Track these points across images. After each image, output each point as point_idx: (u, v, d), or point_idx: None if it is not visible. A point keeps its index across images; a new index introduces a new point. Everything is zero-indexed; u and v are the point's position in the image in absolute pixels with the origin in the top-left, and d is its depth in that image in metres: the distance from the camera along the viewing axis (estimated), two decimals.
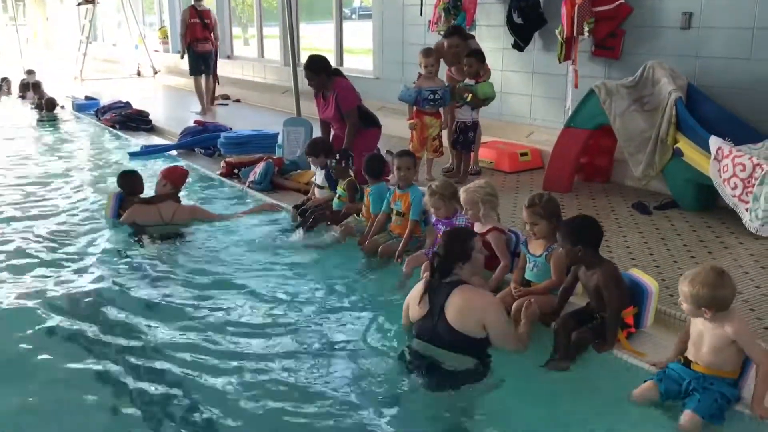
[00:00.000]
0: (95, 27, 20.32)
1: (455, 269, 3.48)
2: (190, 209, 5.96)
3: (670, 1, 6.18)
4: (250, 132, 8.37)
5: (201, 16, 11.33)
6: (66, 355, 3.75)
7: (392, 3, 9.53)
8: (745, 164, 4.88)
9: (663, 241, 4.94)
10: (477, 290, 3.51)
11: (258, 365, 3.61)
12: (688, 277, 2.94)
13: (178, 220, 5.74)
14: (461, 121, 6.64)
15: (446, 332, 3.37)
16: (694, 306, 2.92)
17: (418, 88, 6.50)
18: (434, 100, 6.48)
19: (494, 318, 3.41)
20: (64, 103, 13.00)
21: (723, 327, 2.91)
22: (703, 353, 3.00)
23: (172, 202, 5.80)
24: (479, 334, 3.38)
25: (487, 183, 4.42)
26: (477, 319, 3.37)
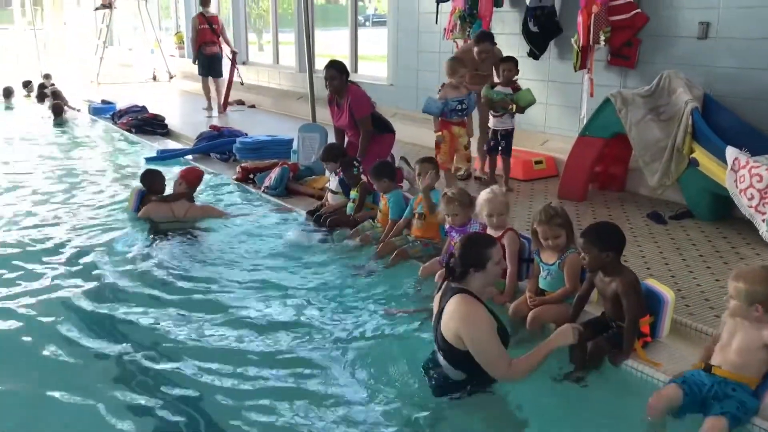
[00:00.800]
0: (112, 31, 20.47)
1: (467, 275, 3.30)
2: (201, 208, 6.27)
3: (687, 11, 6.17)
4: (266, 137, 8.42)
5: (209, 21, 12.08)
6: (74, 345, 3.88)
7: (407, 10, 9.56)
8: (762, 175, 4.85)
9: (678, 251, 4.93)
10: (468, 301, 3.23)
11: (267, 366, 3.64)
12: (741, 275, 2.95)
13: (191, 217, 6.05)
14: (503, 129, 6.62)
15: (439, 337, 3.29)
16: (747, 303, 2.91)
17: (444, 100, 6.30)
18: (462, 110, 6.33)
19: (471, 333, 3.15)
20: (81, 107, 13.12)
21: (761, 330, 2.92)
22: (731, 353, 3.00)
23: (185, 201, 6.13)
24: (461, 346, 3.18)
25: (503, 190, 4.46)
26: (455, 330, 3.17)
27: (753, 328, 2.94)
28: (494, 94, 6.52)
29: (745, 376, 2.97)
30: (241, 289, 4.70)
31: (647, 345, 3.52)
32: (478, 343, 3.15)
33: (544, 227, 3.88)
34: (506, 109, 6.50)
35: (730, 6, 5.84)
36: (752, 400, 2.95)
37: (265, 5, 14.74)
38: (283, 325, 4.14)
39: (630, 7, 6.44)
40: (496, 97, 6.51)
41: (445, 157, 6.36)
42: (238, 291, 4.66)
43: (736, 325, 3.01)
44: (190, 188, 6.25)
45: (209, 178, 7.80)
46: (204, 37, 12.02)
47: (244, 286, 4.74)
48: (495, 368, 3.18)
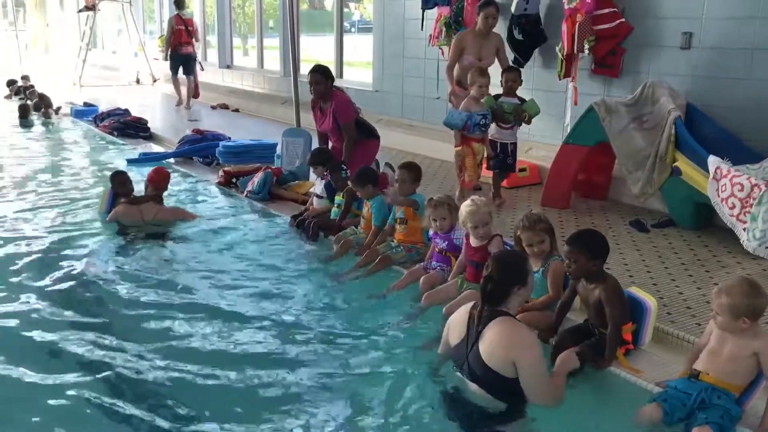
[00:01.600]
0: (95, 34, 20.32)
1: (510, 295, 3.14)
2: (171, 210, 6.19)
3: (670, 21, 6.22)
4: (249, 142, 8.38)
5: (185, 23, 13.12)
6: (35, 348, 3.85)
7: (393, 17, 9.57)
8: (743, 184, 4.89)
9: (660, 259, 4.95)
10: (515, 324, 3.11)
11: (242, 370, 3.59)
12: (724, 290, 2.95)
13: (160, 220, 5.97)
14: (512, 142, 6.40)
15: (476, 364, 3.07)
16: (733, 317, 2.92)
17: (468, 113, 5.97)
18: (485, 125, 6.03)
19: (525, 358, 3.00)
20: (63, 109, 13.01)
21: (752, 339, 2.93)
22: (721, 360, 3.00)
23: (153, 203, 6.04)
24: (510, 373, 3.01)
25: (485, 199, 4.41)
26: (506, 355, 3.00)
27: (744, 337, 2.95)
28: (505, 105, 6.25)
29: (732, 384, 2.97)
30: (214, 293, 4.64)
31: (629, 352, 3.52)
32: (533, 370, 3.01)
33: (528, 233, 3.89)
34: (521, 120, 6.27)
35: (712, 17, 5.89)
36: (735, 408, 2.96)
37: (251, 10, 14.73)
38: (260, 333, 4.07)
39: (614, 16, 6.48)
40: (508, 108, 6.24)
41: (472, 173, 6.18)
42: (211, 296, 4.59)
43: (726, 333, 3.02)
44: (157, 190, 6.14)
45: (191, 182, 7.77)
46: (180, 37, 13.01)
47: (217, 290, 4.69)
48: (545, 396, 3.06)
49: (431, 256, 4.70)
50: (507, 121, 6.28)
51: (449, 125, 6.12)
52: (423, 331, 4.02)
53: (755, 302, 2.90)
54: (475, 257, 4.28)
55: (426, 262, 4.71)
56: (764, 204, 4.79)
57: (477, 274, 4.27)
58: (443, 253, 4.61)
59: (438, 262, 4.63)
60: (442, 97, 8.79)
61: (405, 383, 3.40)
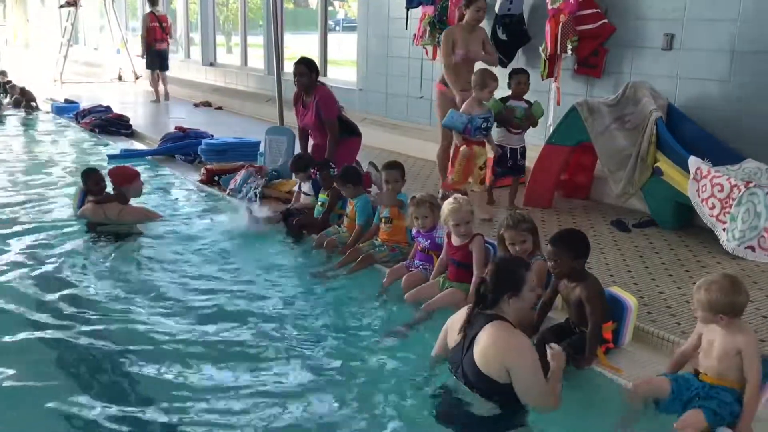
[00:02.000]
0: (77, 30, 20.14)
1: (501, 301, 3.09)
2: (135, 210, 6.04)
3: (652, 23, 6.26)
4: (232, 139, 8.33)
5: (159, 20, 13.47)
6: None
7: (378, 16, 9.56)
8: (723, 185, 4.94)
9: (641, 258, 4.98)
10: (510, 329, 3.04)
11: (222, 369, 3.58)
12: (703, 286, 2.98)
13: (124, 220, 5.88)
14: (522, 147, 6.24)
15: (470, 369, 3.03)
16: (711, 313, 2.95)
17: (468, 115, 5.72)
18: (487, 128, 5.80)
19: (520, 364, 2.95)
20: (43, 106, 12.88)
21: (735, 336, 2.96)
22: (712, 360, 3.04)
23: (117, 203, 5.92)
24: (503, 379, 2.95)
25: (466, 198, 4.41)
26: (500, 361, 2.94)
27: (728, 335, 2.98)
28: (517, 110, 6.09)
29: (728, 380, 3.00)
30: (190, 291, 4.61)
31: (610, 351, 3.53)
32: (525, 375, 2.94)
33: (512, 232, 3.90)
34: (530, 124, 6.15)
35: (693, 18, 5.94)
36: (735, 403, 2.97)
37: (234, 8, 14.67)
38: (239, 332, 4.03)
39: (597, 17, 6.52)
40: (519, 114, 6.08)
41: (458, 177, 5.81)
42: (188, 294, 4.56)
43: (713, 332, 3.05)
44: (119, 189, 5.99)
45: (173, 180, 7.72)
46: (155, 34, 13.37)
47: (194, 288, 4.66)
48: (542, 399, 3.00)
49: (414, 255, 4.70)
50: (518, 125, 6.12)
51: (449, 127, 5.87)
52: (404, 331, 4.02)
53: (734, 299, 2.93)
54: (456, 256, 4.29)
55: (408, 261, 4.71)
56: (743, 204, 4.85)
57: (458, 273, 4.29)
58: (426, 251, 4.61)
59: (420, 261, 4.62)
60: (425, 96, 8.81)
61: (395, 385, 3.37)
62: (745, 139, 5.59)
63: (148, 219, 6.00)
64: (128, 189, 6.00)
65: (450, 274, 4.34)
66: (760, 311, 4.04)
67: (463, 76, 6.35)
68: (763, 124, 5.52)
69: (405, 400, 3.27)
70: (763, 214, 4.85)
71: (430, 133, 8.67)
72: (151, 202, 6.72)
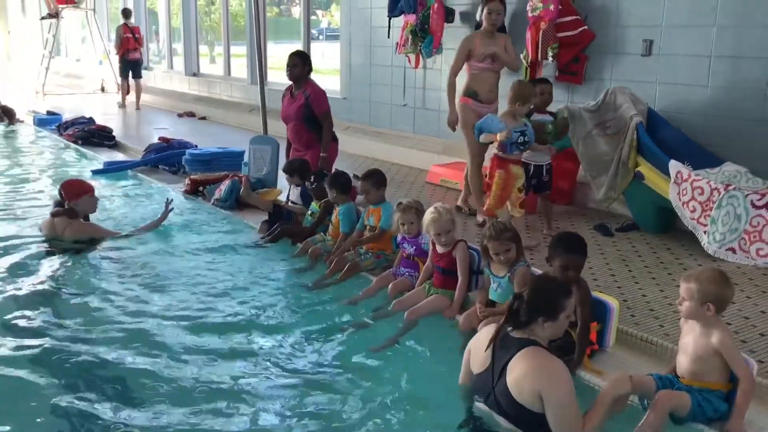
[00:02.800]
0: (59, 41, 20.04)
1: (534, 324, 2.88)
2: (81, 226, 5.74)
3: (631, 29, 6.34)
4: (216, 149, 8.32)
5: (132, 31, 14.25)
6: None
7: (360, 25, 9.60)
8: (704, 188, 5.01)
9: (624, 262, 5.03)
10: (546, 356, 2.84)
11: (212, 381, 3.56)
12: (694, 275, 3.01)
13: (69, 236, 5.61)
14: (548, 163, 5.73)
15: (504, 398, 2.81)
16: (700, 302, 2.96)
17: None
18: (524, 143, 5.17)
19: (555, 393, 2.73)
20: (25, 118, 12.79)
21: (709, 336, 2.98)
22: (687, 361, 3.06)
23: (65, 217, 5.67)
24: (538, 408, 2.75)
25: (443, 204, 4.36)
26: (535, 389, 2.73)
27: (702, 336, 3.00)
28: (549, 125, 5.60)
29: (710, 382, 3.02)
30: (176, 302, 4.60)
31: (594, 353, 3.57)
32: (562, 405, 2.74)
33: (494, 243, 3.91)
34: (557, 139, 5.67)
35: (671, 24, 6.02)
36: (720, 401, 3.00)
37: (217, 17, 14.67)
38: (231, 345, 4.01)
39: (577, 24, 6.59)
40: (548, 129, 5.57)
41: (495, 202, 5.20)
42: (174, 305, 4.55)
43: (689, 333, 3.08)
44: (69, 203, 5.69)
45: (157, 191, 7.69)
46: (128, 44, 14.15)
47: (181, 299, 4.64)
48: (573, 430, 2.80)
49: (399, 262, 4.72)
50: (544, 140, 5.55)
51: (483, 130, 5.20)
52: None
53: (722, 291, 2.96)
54: (441, 263, 4.32)
55: (395, 268, 4.73)
56: (724, 207, 4.92)
57: (443, 280, 4.31)
58: (411, 258, 4.63)
59: (406, 268, 4.64)
60: (408, 104, 8.85)
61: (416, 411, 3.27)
62: (725, 142, 5.67)
63: (98, 236, 5.69)
64: (77, 204, 5.72)
65: (435, 280, 4.37)
66: (741, 312, 4.09)
67: (486, 86, 6.02)
68: (742, 127, 5.61)
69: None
70: (743, 216, 4.92)
71: (414, 141, 8.73)
72: (135, 214, 6.71)
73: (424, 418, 3.22)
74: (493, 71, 6.03)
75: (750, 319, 4.01)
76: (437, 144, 8.39)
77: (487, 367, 2.92)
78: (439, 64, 8.33)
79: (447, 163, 7.74)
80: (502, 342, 2.90)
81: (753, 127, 5.54)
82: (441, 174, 7.52)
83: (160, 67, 16.89)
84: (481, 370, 2.96)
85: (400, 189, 7.24)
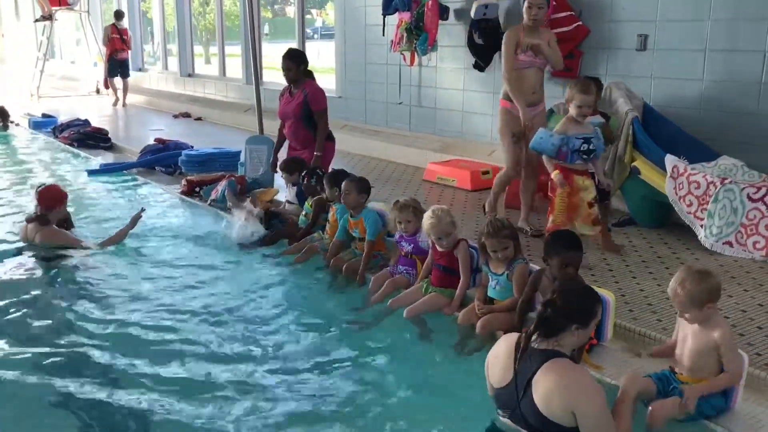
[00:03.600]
0: (53, 44, 19.99)
1: (565, 332, 2.73)
2: (51, 233, 5.49)
3: (626, 24, 6.35)
4: (212, 150, 8.31)
5: (120, 32, 14.81)
6: None
7: (355, 23, 9.60)
8: (700, 182, 5.02)
9: (621, 257, 5.03)
10: (574, 369, 2.72)
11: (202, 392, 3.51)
12: (677, 287, 2.97)
13: (40, 243, 5.44)
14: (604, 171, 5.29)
15: (531, 413, 2.67)
16: (698, 308, 2.95)
17: (563, 135, 4.64)
18: (588, 151, 4.69)
19: (589, 409, 2.63)
20: (20, 121, 12.76)
21: (710, 331, 2.97)
22: (685, 357, 3.06)
23: (37, 224, 5.49)
24: (570, 423, 2.63)
25: (442, 207, 4.35)
26: (566, 404, 2.61)
27: (702, 331, 3.00)
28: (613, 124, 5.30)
29: (707, 380, 3.01)
30: (176, 303, 4.60)
31: (592, 348, 3.57)
32: (598, 418, 2.65)
33: (492, 240, 3.91)
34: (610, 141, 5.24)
35: (666, 19, 6.03)
36: (717, 398, 3.01)
37: (212, 18, 14.65)
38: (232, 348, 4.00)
39: (571, 20, 6.60)
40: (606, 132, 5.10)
41: (560, 217, 4.70)
42: (174, 306, 4.55)
43: (687, 329, 3.08)
44: (43, 210, 5.50)
45: (153, 192, 7.68)
46: (115, 45, 14.73)
47: (180, 301, 4.64)
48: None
49: (397, 261, 4.72)
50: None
51: (538, 151, 4.82)
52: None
53: (710, 285, 2.95)
54: (442, 261, 4.32)
55: (392, 266, 4.73)
56: (720, 201, 4.93)
57: (443, 278, 4.32)
58: (409, 256, 4.63)
59: (404, 266, 4.64)
60: (404, 102, 8.85)
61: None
62: (720, 136, 5.68)
63: (66, 245, 5.46)
64: (51, 211, 5.53)
65: (434, 279, 4.37)
66: (739, 306, 4.10)
67: (528, 86, 5.54)
68: (737, 121, 5.62)
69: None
70: (740, 210, 4.93)
71: (411, 139, 8.73)
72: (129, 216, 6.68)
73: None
74: (536, 67, 5.56)
75: (747, 312, 4.02)
76: (434, 141, 8.40)
77: (510, 382, 2.76)
78: (434, 62, 8.34)
79: (444, 160, 7.74)
80: (523, 354, 2.73)
81: (748, 121, 5.56)
82: (438, 171, 7.52)
83: (155, 68, 16.86)
84: (503, 385, 2.79)
85: (397, 187, 7.24)
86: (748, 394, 3.15)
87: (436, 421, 3.18)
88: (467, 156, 7.78)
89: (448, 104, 8.34)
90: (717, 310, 3.04)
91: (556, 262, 3.59)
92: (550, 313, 2.71)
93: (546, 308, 2.74)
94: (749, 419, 3.04)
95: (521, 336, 2.78)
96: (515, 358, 2.74)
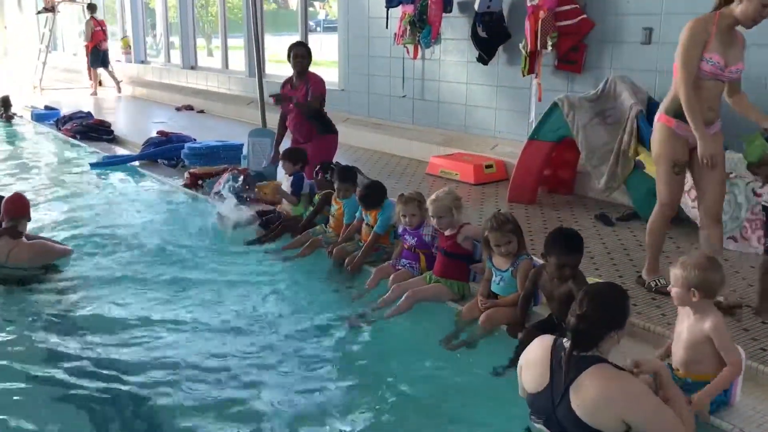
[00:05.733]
0: (55, 36, 19.96)
1: (603, 340, 2.61)
2: (30, 247, 4.88)
3: (631, 17, 6.31)
4: (215, 143, 8.29)
5: (100, 24, 15.73)
6: None
7: (358, 16, 9.56)
8: None
9: (626, 251, 5.02)
10: (620, 376, 2.59)
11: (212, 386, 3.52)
12: (680, 261, 3.00)
13: (16, 261, 4.77)
14: None
15: (569, 421, 2.56)
16: (684, 288, 2.94)
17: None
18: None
19: (639, 415, 2.53)
20: (23, 113, 12.75)
21: (702, 322, 2.96)
22: (680, 349, 3.05)
23: (8, 238, 4.79)
24: (616, 430, 2.55)
25: (450, 189, 4.42)
26: (617, 414, 2.52)
27: (696, 323, 2.99)
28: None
29: (705, 375, 2.98)
30: (180, 297, 4.59)
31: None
32: (652, 420, 2.56)
33: (496, 234, 3.90)
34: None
35: (671, 12, 5.99)
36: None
37: (214, 10, 14.61)
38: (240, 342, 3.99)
39: (576, 13, 6.57)
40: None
41: None
42: (177, 299, 4.55)
43: (684, 320, 3.07)
44: (10, 221, 4.82)
45: (156, 184, 7.68)
46: (98, 36, 15.51)
47: (185, 296, 4.63)
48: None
49: (400, 254, 4.70)
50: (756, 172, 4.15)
51: None
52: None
53: (708, 276, 2.93)
54: (444, 245, 4.32)
55: (394, 260, 4.72)
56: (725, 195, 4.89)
57: (446, 264, 4.33)
58: (412, 249, 4.62)
59: (407, 260, 4.63)
60: (407, 95, 8.83)
61: None
62: (725, 130, 5.62)
63: (50, 257, 4.98)
64: (20, 221, 4.87)
65: (437, 266, 4.36)
66: (743, 300, 4.07)
67: (705, 100, 4.00)
68: (741, 116, 5.57)
69: None
70: (744, 204, 4.91)
71: (414, 132, 8.70)
72: (134, 209, 6.69)
73: None
74: (717, 82, 4.04)
75: (753, 306, 3.99)
76: (437, 135, 8.37)
77: (546, 387, 2.65)
78: (437, 55, 8.31)
79: (447, 154, 7.72)
80: (560, 360, 2.62)
81: None
82: (441, 165, 7.50)
83: (158, 60, 16.84)
84: (538, 390, 2.69)
85: (400, 180, 7.22)
86: (751, 389, 3.13)
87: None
88: (470, 150, 7.75)
89: (451, 97, 8.31)
90: (711, 304, 3.01)
91: (553, 261, 3.56)
92: (584, 328, 2.58)
93: (578, 323, 2.59)
94: (752, 413, 3.02)
95: (557, 340, 2.69)
96: (550, 364, 2.65)
